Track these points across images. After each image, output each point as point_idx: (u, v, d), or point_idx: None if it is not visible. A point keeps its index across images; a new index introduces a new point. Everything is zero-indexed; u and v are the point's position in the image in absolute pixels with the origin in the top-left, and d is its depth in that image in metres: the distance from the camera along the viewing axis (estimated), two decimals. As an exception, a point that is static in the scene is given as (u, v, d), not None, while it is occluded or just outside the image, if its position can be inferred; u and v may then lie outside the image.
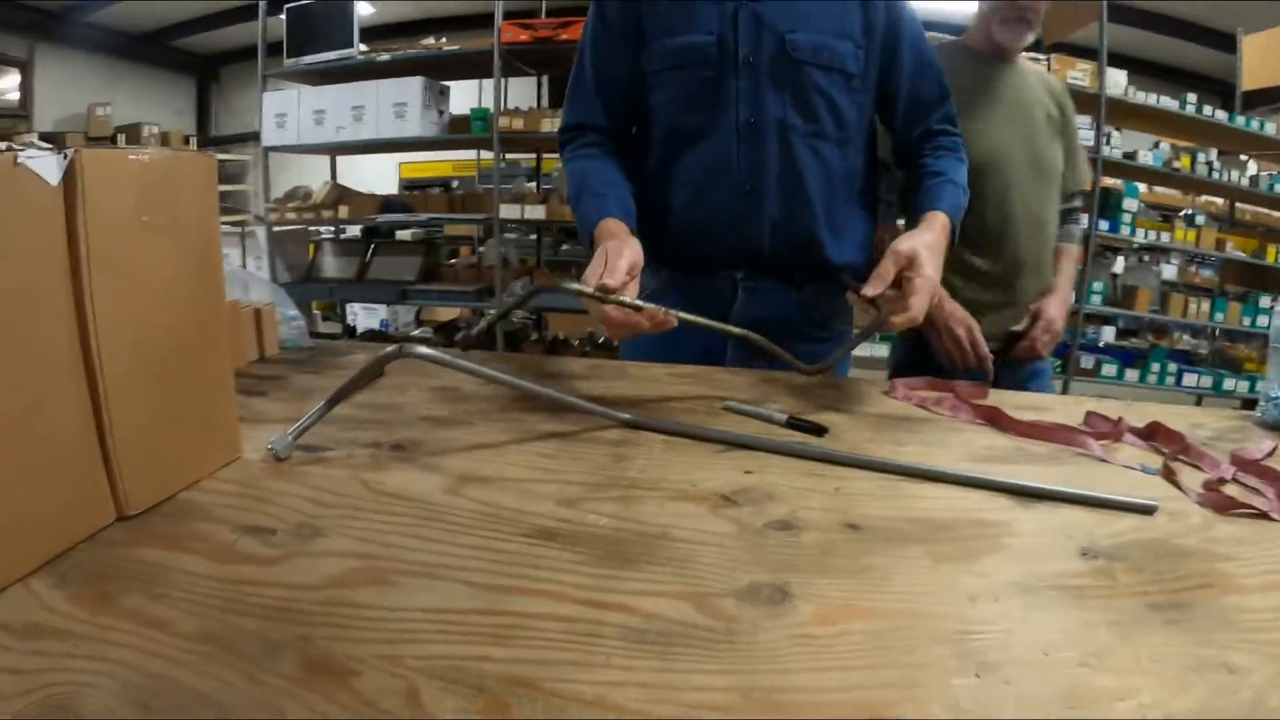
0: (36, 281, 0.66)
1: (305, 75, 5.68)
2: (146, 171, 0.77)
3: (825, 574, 0.70)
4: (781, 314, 1.64)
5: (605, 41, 1.63)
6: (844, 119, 1.60)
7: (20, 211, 0.64)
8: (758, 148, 1.56)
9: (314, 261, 6.00)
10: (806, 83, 1.54)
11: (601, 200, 1.50)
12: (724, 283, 1.67)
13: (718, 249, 1.63)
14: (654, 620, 0.61)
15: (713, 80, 1.55)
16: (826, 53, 1.54)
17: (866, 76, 1.60)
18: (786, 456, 1.00)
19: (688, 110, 1.58)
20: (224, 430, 0.93)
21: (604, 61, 1.64)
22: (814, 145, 1.58)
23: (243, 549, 0.72)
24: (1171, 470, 0.98)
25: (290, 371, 1.38)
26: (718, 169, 1.57)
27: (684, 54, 1.55)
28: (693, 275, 1.67)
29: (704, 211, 1.60)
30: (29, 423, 0.65)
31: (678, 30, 1.55)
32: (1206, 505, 0.90)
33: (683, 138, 1.60)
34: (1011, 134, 1.99)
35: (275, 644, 0.57)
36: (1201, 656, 0.59)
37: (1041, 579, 0.70)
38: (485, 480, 0.90)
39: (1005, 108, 2.00)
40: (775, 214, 1.59)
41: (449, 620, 0.61)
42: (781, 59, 1.53)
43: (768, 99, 1.54)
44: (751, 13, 1.52)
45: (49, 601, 0.62)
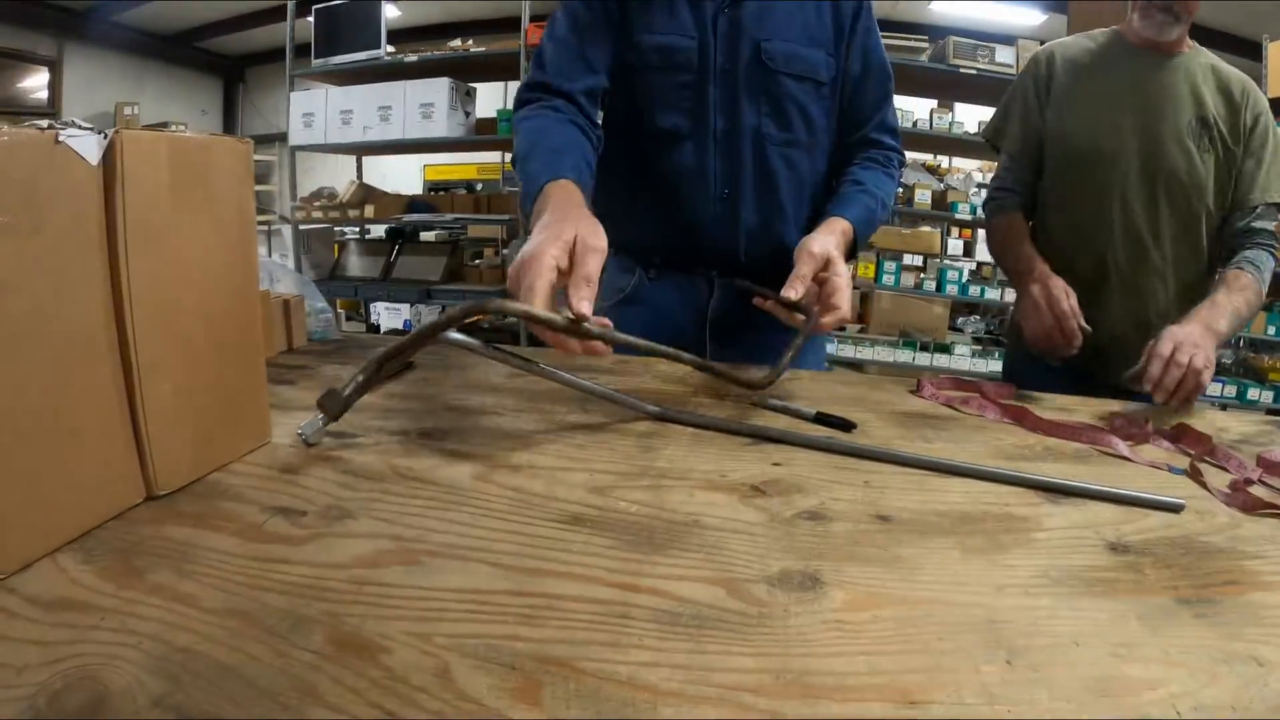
0: (73, 259, 0.66)
1: (333, 75, 5.72)
2: (183, 153, 0.77)
3: (855, 562, 0.70)
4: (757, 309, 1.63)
5: (589, 14, 1.51)
6: (815, 126, 1.60)
7: (59, 189, 0.64)
8: (734, 156, 1.55)
9: (339, 260, 6.04)
10: (780, 92, 1.54)
11: (556, 157, 1.29)
12: (701, 280, 1.66)
13: (694, 251, 1.62)
14: (686, 604, 0.61)
15: (692, 85, 1.54)
16: (800, 62, 1.54)
17: (834, 83, 1.60)
18: (815, 450, 1.00)
19: (666, 111, 1.56)
20: (254, 413, 0.93)
21: (586, 32, 1.51)
22: (787, 154, 1.58)
23: (272, 529, 0.72)
24: (1198, 470, 0.98)
25: (318, 362, 1.39)
26: (695, 175, 1.56)
27: (666, 54, 1.53)
28: (670, 274, 1.67)
29: (681, 216, 1.59)
30: (60, 399, 0.66)
31: (660, 28, 1.53)
32: (1233, 505, 0.89)
33: (660, 139, 1.57)
34: (1128, 132, 1.76)
35: (304, 620, 0.57)
36: (1230, 650, 0.58)
37: (1070, 572, 0.70)
38: (514, 467, 0.90)
39: (1131, 103, 1.77)
40: (751, 221, 1.58)
41: (479, 600, 0.61)
42: (757, 68, 1.52)
43: (743, 107, 1.54)
44: (729, 18, 1.52)
45: (77, 576, 0.63)
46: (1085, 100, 1.78)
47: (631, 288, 1.69)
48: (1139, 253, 1.79)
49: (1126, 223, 1.78)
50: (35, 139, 0.62)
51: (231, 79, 12.01)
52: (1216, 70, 1.78)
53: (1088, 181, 1.79)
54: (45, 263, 0.63)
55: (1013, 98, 1.95)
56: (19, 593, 0.60)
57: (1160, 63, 1.77)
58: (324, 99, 5.45)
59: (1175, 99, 1.74)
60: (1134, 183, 1.76)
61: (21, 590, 0.60)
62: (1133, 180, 1.76)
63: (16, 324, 0.61)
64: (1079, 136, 1.76)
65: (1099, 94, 1.79)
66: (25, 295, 0.62)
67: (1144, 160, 1.75)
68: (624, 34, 1.55)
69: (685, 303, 1.66)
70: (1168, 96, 1.75)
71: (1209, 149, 1.73)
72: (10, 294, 0.60)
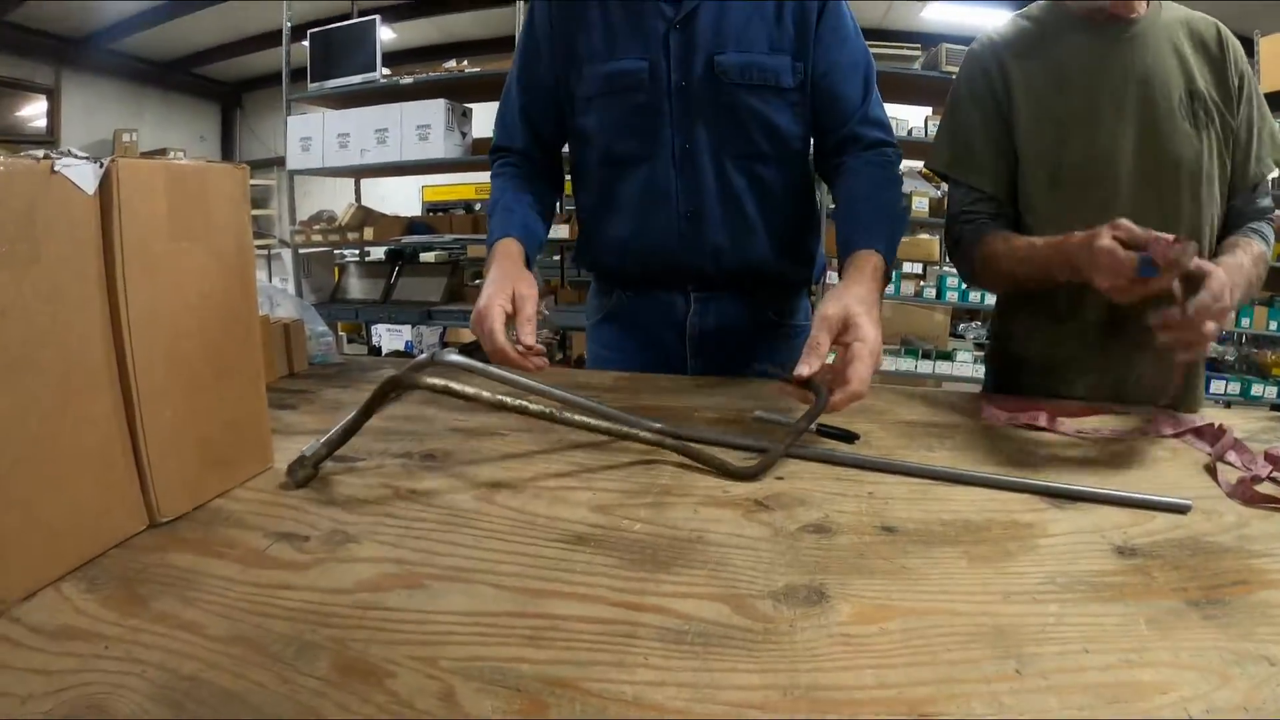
0: (71, 287, 0.67)
1: (329, 99, 5.73)
2: (180, 182, 0.78)
3: (861, 575, 0.69)
4: (736, 321, 1.62)
5: (532, 63, 1.60)
6: (781, 136, 1.54)
7: (57, 218, 0.65)
8: (694, 175, 1.52)
9: (339, 283, 6.04)
10: (737, 104, 1.49)
11: (507, 215, 1.52)
12: (677, 295, 1.64)
13: (665, 270, 1.60)
14: (691, 621, 0.61)
15: (646, 106, 1.51)
16: (758, 71, 1.48)
17: (803, 88, 1.53)
18: (817, 463, 1.00)
19: (623, 136, 1.54)
20: (256, 439, 0.93)
21: (530, 83, 1.62)
22: (750, 168, 1.54)
23: (275, 554, 0.72)
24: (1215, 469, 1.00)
25: (319, 386, 1.39)
26: (657, 196, 1.54)
27: (615, 80, 1.51)
28: (645, 293, 1.66)
29: (648, 238, 1.57)
30: (61, 428, 0.66)
31: (609, 55, 1.51)
32: (1235, 497, 0.90)
33: (620, 163, 1.56)
34: (1120, 130, 1.46)
35: (308, 646, 0.57)
36: (1241, 650, 0.58)
37: (1077, 577, 0.69)
38: (516, 488, 0.90)
39: (1114, 93, 1.47)
40: (718, 239, 1.55)
41: (483, 623, 0.61)
42: (711, 83, 1.48)
43: (700, 126, 1.50)
44: (682, 34, 1.48)
45: (80, 605, 0.63)
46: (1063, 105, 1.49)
47: (610, 307, 1.70)
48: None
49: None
50: (31, 168, 0.63)
51: (229, 104, 12.07)
52: (1190, 24, 1.50)
53: (1079, 199, 1.49)
54: (44, 291, 0.63)
55: (967, 117, 1.59)
56: (23, 622, 0.60)
57: (1130, 36, 1.47)
58: (321, 123, 5.46)
59: (1158, 76, 1.45)
60: (1137, 190, 1.47)
61: (25, 619, 0.60)
62: (1135, 187, 1.47)
63: (16, 352, 0.61)
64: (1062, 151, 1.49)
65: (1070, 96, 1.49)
66: (24, 323, 0.62)
67: (1143, 160, 1.46)
68: (573, 69, 1.55)
69: (664, 320, 1.65)
70: (1149, 76, 1.45)
71: (1207, 124, 1.47)
72: (9, 322, 0.60)
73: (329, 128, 5.40)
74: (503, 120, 1.67)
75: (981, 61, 1.57)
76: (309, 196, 8.54)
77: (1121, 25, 1.47)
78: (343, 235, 5.69)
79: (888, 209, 1.46)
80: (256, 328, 0.91)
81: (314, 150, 5.46)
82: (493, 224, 1.51)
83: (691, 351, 1.65)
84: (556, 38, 1.56)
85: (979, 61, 1.57)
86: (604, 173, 1.59)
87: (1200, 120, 1.45)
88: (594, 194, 1.63)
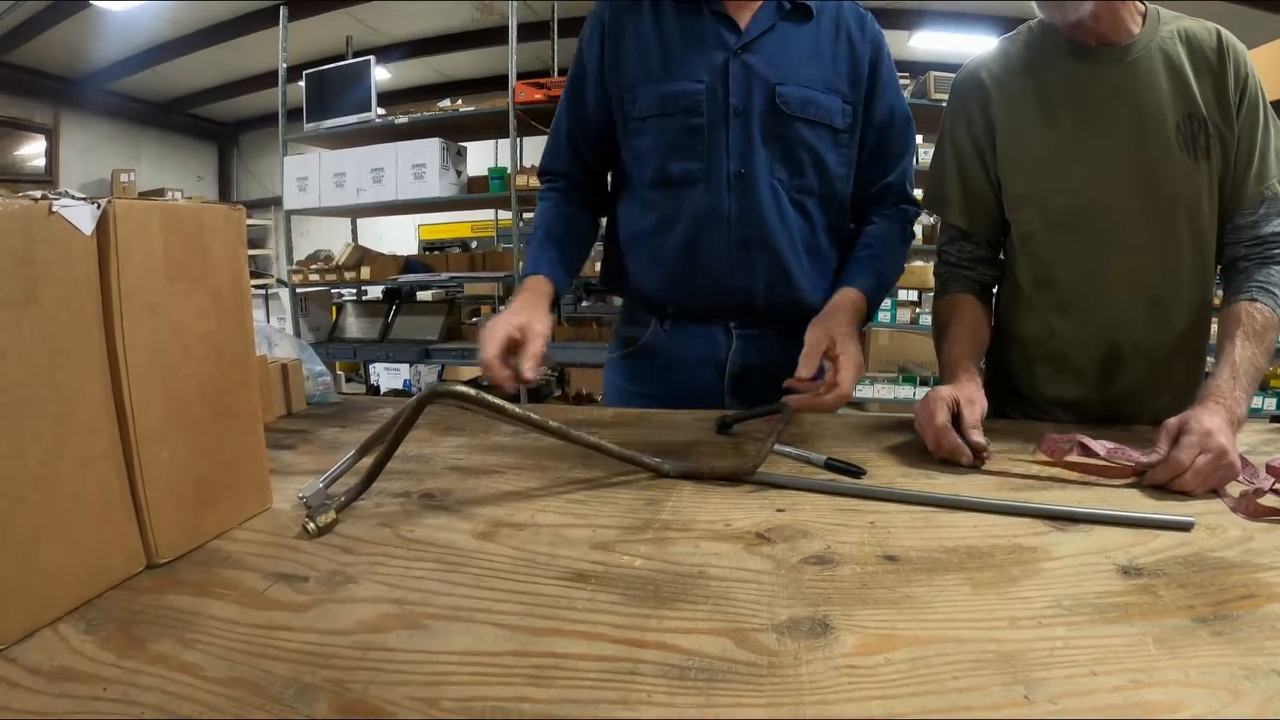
0: (69, 327, 0.67)
1: (325, 139, 5.78)
2: (177, 223, 0.78)
3: (865, 605, 0.69)
4: (777, 360, 1.57)
5: (582, 89, 1.64)
6: (829, 174, 1.58)
7: (54, 259, 0.65)
8: (749, 200, 1.53)
9: (337, 323, 6.06)
10: (794, 137, 1.53)
11: (542, 249, 1.58)
12: (719, 331, 1.63)
13: (711, 298, 1.59)
14: (694, 657, 0.60)
15: (702, 128, 1.52)
16: (814, 107, 1.53)
17: (853, 131, 1.59)
18: (818, 494, 0.99)
19: (677, 156, 1.55)
20: (254, 480, 0.93)
21: (579, 108, 1.65)
22: (800, 200, 1.56)
23: (274, 595, 0.72)
24: None
25: (317, 426, 1.39)
26: (710, 218, 1.54)
27: (671, 101, 1.53)
28: (685, 324, 1.64)
29: (697, 260, 1.57)
30: (59, 468, 0.66)
31: (666, 77, 1.54)
32: (1238, 511, 0.90)
33: (674, 184, 1.56)
34: (1112, 167, 1.38)
35: (308, 688, 0.57)
36: (1251, 665, 0.57)
37: (1083, 600, 0.69)
38: (517, 526, 0.89)
39: (1105, 127, 1.39)
40: (769, 268, 1.55)
41: (484, 662, 0.60)
42: (771, 112, 1.51)
43: (758, 151, 1.52)
44: (743, 63, 1.51)
45: (77, 646, 0.62)
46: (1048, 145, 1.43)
47: (645, 339, 1.67)
48: (1158, 322, 1.45)
49: (1125, 277, 1.43)
50: (29, 209, 0.63)
51: (226, 144, 12.17)
52: (1190, 36, 1.38)
53: (1068, 247, 1.45)
54: (41, 332, 0.63)
55: (946, 157, 1.56)
56: (20, 663, 0.59)
57: (1117, 61, 1.38)
58: (317, 162, 5.50)
59: (1152, 105, 1.36)
60: (1135, 227, 1.40)
61: (22, 660, 0.60)
62: (1132, 224, 1.40)
63: (13, 392, 0.61)
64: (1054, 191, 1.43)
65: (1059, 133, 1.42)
66: (22, 364, 0.62)
67: (1139, 197, 1.38)
68: (628, 89, 1.57)
69: (702, 356, 1.63)
70: (1143, 107, 1.36)
71: (1207, 150, 1.36)
72: (7, 363, 0.60)
73: (325, 167, 5.44)
74: (551, 142, 1.72)
75: (965, 101, 1.53)
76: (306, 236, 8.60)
77: (1113, 49, 1.38)
78: (340, 274, 5.71)
79: (886, 259, 1.60)
80: (254, 368, 0.91)
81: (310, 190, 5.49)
82: (529, 253, 1.59)
83: (729, 389, 1.63)
84: (609, 61, 1.59)
85: (962, 102, 1.54)
86: (656, 194, 1.59)
87: (1200, 147, 1.36)
88: (643, 214, 1.62)
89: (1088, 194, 1.41)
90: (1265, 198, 1.38)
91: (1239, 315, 1.29)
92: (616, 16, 1.59)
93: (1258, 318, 1.28)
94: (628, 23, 1.58)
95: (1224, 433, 1.04)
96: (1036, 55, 1.46)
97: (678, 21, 1.55)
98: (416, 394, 1.01)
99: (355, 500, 0.95)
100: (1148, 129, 1.36)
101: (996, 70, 1.50)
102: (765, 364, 1.60)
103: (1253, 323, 1.28)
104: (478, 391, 0.95)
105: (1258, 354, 1.25)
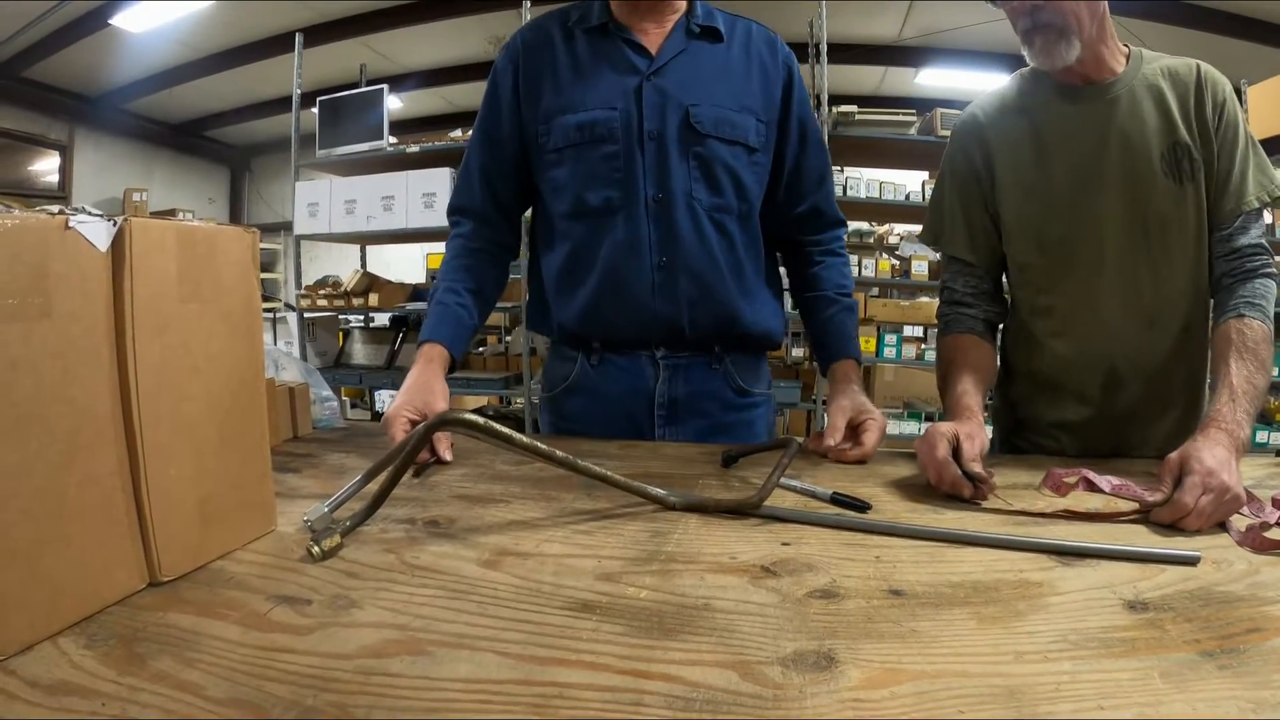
0: (81, 343, 0.67)
1: (336, 165, 5.81)
2: (191, 243, 0.79)
3: (870, 639, 0.68)
4: (705, 388, 1.63)
5: (496, 122, 1.63)
6: (747, 192, 1.59)
7: (69, 274, 0.65)
8: (668, 224, 1.53)
9: (343, 348, 6.06)
10: (710, 155, 1.53)
11: (441, 311, 1.57)
12: (646, 362, 1.63)
13: (636, 326, 1.59)
14: (699, 689, 0.60)
15: (617, 155, 1.53)
16: (728, 126, 1.54)
17: (766, 150, 1.61)
18: (823, 528, 0.99)
19: (593, 186, 1.55)
20: (259, 502, 0.93)
21: (493, 143, 1.64)
22: (719, 219, 1.56)
23: (276, 618, 0.71)
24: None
25: (323, 450, 1.39)
26: (630, 246, 1.54)
27: (587, 129, 1.53)
28: (612, 358, 1.64)
29: (619, 289, 1.56)
30: (66, 483, 0.66)
31: (578, 107, 1.54)
32: (1245, 545, 0.90)
33: (591, 214, 1.56)
34: (1102, 196, 1.45)
35: (309, 711, 0.56)
36: (1259, 699, 0.57)
37: (1089, 634, 0.69)
38: (522, 555, 0.89)
39: (1095, 159, 1.45)
40: (690, 289, 1.55)
41: (488, 691, 0.60)
42: (686, 131, 1.52)
43: (674, 172, 1.52)
44: (655, 87, 1.52)
45: (78, 660, 0.62)
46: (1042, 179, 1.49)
47: (574, 376, 1.67)
48: (1154, 341, 1.49)
49: (1127, 304, 1.48)
50: (45, 223, 0.63)
51: (238, 168, 12.25)
52: (1173, 73, 1.45)
53: (1070, 267, 1.50)
54: (53, 346, 0.64)
55: (949, 195, 1.62)
56: (19, 675, 0.59)
57: (1104, 99, 1.45)
58: (328, 189, 5.52)
59: (1138, 135, 1.43)
60: (1125, 252, 1.46)
61: (21, 673, 0.60)
62: (1123, 250, 1.46)
63: (23, 405, 0.61)
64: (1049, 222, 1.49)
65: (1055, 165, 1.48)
66: (33, 377, 0.62)
67: (1129, 223, 1.45)
68: (542, 122, 1.57)
69: (632, 388, 1.64)
70: (1129, 138, 1.43)
71: (1192, 174, 1.42)
72: (18, 375, 0.61)
73: (336, 194, 5.45)
74: (463, 180, 1.69)
75: (964, 140, 1.61)
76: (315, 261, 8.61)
77: (1099, 87, 1.46)
78: (348, 300, 5.72)
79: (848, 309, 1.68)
80: (263, 390, 0.91)
81: (321, 216, 5.51)
82: (431, 312, 1.57)
83: (660, 422, 1.63)
84: (523, 94, 1.59)
85: (961, 141, 1.61)
86: (574, 226, 1.59)
87: (1184, 172, 1.42)
88: (563, 249, 1.61)
89: (1079, 221, 1.47)
90: (1242, 213, 1.42)
91: (1229, 334, 1.33)
92: (529, 48, 1.60)
93: (1248, 334, 1.31)
94: (540, 55, 1.59)
95: (1226, 466, 1.04)
96: (1028, 98, 1.54)
97: (589, 51, 1.57)
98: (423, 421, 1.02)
99: (360, 525, 0.96)
100: (1133, 158, 1.43)
101: (992, 112, 1.58)
102: (693, 391, 1.62)
103: (1244, 340, 1.30)
104: (485, 420, 0.95)
105: (1254, 372, 1.26)
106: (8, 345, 0.60)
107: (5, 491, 0.60)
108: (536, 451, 1.01)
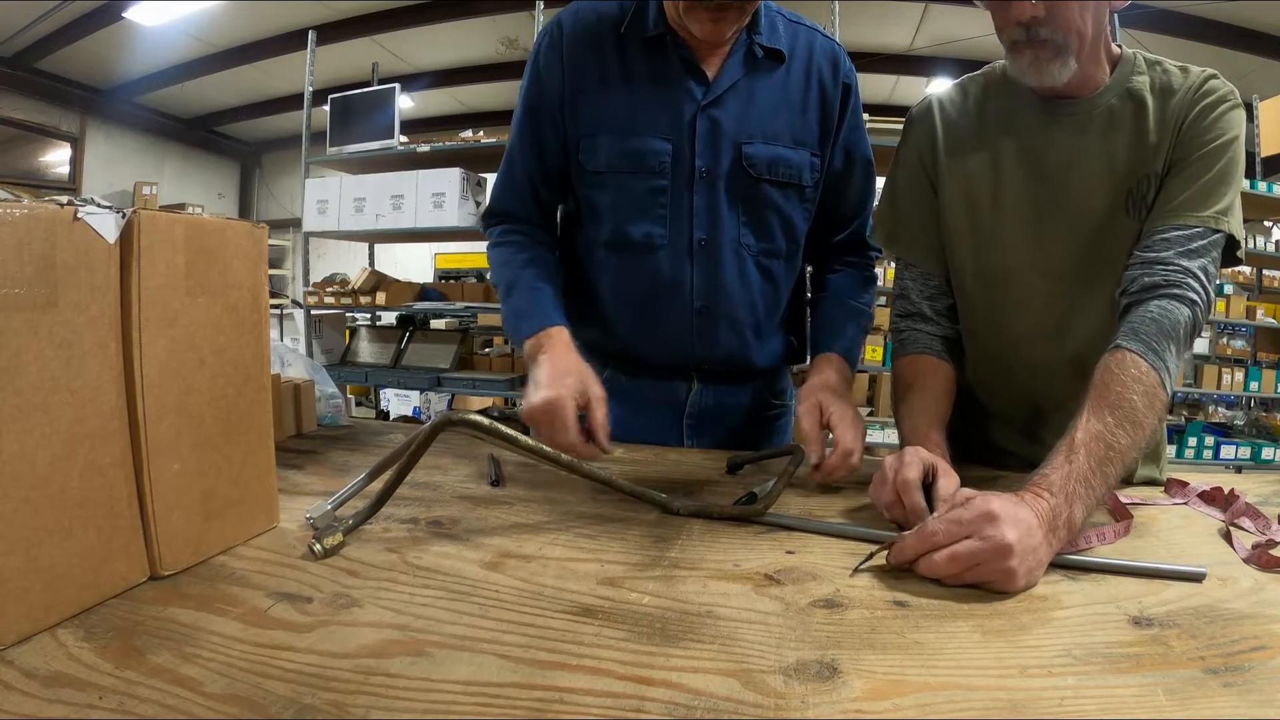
0: (87, 334, 0.67)
1: (347, 163, 5.81)
2: (199, 236, 0.78)
3: (873, 650, 0.68)
4: (734, 401, 1.59)
5: (539, 122, 1.50)
6: (796, 234, 1.53)
7: (76, 265, 0.65)
8: (712, 269, 1.46)
9: (350, 346, 6.06)
10: (763, 200, 1.46)
11: (538, 296, 1.43)
12: (679, 381, 1.58)
13: (667, 361, 1.54)
14: (701, 696, 0.59)
15: (665, 191, 1.44)
16: (783, 166, 1.45)
17: (818, 186, 1.53)
18: (827, 537, 0.99)
19: (636, 219, 1.46)
20: (262, 498, 0.92)
21: (537, 149, 1.51)
22: (765, 264, 1.51)
23: (276, 615, 0.71)
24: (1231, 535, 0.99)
25: (327, 447, 1.39)
26: (669, 289, 1.47)
27: (636, 158, 1.43)
28: (642, 377, 1.57)
29: (654, 330, 1.51)
30: (68, 473, 0.66)
31: (628, 130, 1.43)
32: (1251, 562, 0.90)
33: (630, 248, 1.48)
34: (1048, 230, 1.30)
35: (307, 709, 0.56)
36: (1263, 716, 0.57)
37: (1093, 649, 0.68)
38: (524, 558, 0.88)
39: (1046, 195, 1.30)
40: (728, 337, 1.50)
41: (488, 693, 0.59)
42: (738, 173, 1.43)
43: (724, 217, 1.45)
44: (709, 119, 1.42)
45: (75, 652, 0.62)
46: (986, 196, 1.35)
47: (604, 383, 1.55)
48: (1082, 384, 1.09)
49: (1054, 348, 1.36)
50: (54, 214, 0.63)
51: (248, 164, 12.29)
52: (1163, 89, 1.25)
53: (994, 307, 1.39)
54: (59, 336, 0.64)
55: (900, 186, 1.48)
56: (16, 665, 0.59)
57: (1075, 116, 1.27)
58: (338, 186, 5.52)
59: (1106, 170, 1.26)
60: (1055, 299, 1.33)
61: (19, 663, 0.59)
62: (1053, 296, 1.33)
63: (27, 394, 0.61)
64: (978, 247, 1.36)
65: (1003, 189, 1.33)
66: (38, 367, 0.62)
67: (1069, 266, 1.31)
68: (585, 135, 1.47)
69: (662, 399, 1.59)
70: (1096, 172, 1.26)
71: (1150, 205, 1.24)
72: (23, 365, 0.61)
73: (346, 191, 5.46)
74: (506, 183, 1.56)
75: (918, 133, 1.45)
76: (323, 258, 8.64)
77: (1074, 104, 1.27)
78: (355, 298, 5.72)
79: (854, 320, 1.55)
80: (268, 386, 0.91)
81: (330, 213, 5.51)
82: (522, 303, 1.42)
83: (689, 432, 1.59)
84: (569, 88, 1.46)
85: (915, 135, 1.45)
86: (611, 258, 1.51)
87: (1146, 205, 1.24)
88: (598, 276, 1.54)
89: (1017, 255, 1.33)
90: (1175, 227, 1.19)
91: (1099, 376, 1.07)
92: (578, 38, 1.46)
93: (1119, 375, 1.05)
94: (589, 52, 1.45)
95: (1021, 528, 0.83)
96: (994, 101, 1.37)
97: (644, 64, 1.44)
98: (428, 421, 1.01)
99: (363, 524, 0.95)
100: (1094, 193, 1.26)
101: (951, 110, 1.42)
102: (724, 406, 1.59)
103: (1110, 382, 1.04)
104: (491, 421, 0.95)
105: (1113, 426, 0.99)
106: (13, 334, 0.60)
107: (7, 480, 0.60)
108: (541, 453, 1.01)
